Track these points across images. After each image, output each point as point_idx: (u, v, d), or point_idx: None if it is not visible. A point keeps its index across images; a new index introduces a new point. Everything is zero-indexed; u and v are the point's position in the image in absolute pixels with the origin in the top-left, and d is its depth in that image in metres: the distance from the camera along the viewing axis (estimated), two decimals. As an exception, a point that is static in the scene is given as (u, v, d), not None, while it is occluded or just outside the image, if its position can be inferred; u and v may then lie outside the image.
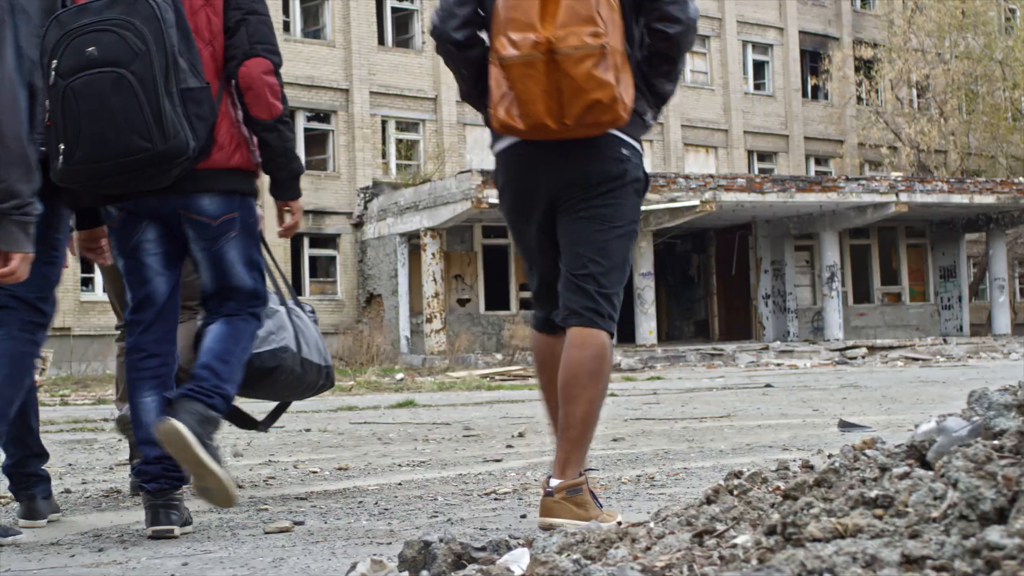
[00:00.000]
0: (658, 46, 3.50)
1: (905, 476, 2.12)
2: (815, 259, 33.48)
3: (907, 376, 16.40)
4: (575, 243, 3.55)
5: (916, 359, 24.84)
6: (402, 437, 7.63)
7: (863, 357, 26.13)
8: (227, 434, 7.86)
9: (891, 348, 27.79)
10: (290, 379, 4.36)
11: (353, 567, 2.63)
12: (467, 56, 3.58)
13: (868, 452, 2.32)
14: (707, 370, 22.41)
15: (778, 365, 23.67)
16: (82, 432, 8.90)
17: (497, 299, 30.55)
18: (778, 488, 2.59)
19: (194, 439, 3.46)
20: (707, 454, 5.96)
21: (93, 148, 3.50)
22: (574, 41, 3.29)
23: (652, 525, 2.65)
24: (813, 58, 38.97)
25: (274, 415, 4.70)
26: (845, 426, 7.26)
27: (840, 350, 27.02)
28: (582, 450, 3.51)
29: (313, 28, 31.36)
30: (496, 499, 4.37)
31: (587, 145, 3.50)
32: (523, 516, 3.89)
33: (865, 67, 39.11)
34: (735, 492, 2.61)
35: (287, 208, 3.84)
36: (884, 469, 2.19)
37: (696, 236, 34.38)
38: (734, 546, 2.09)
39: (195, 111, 3.54)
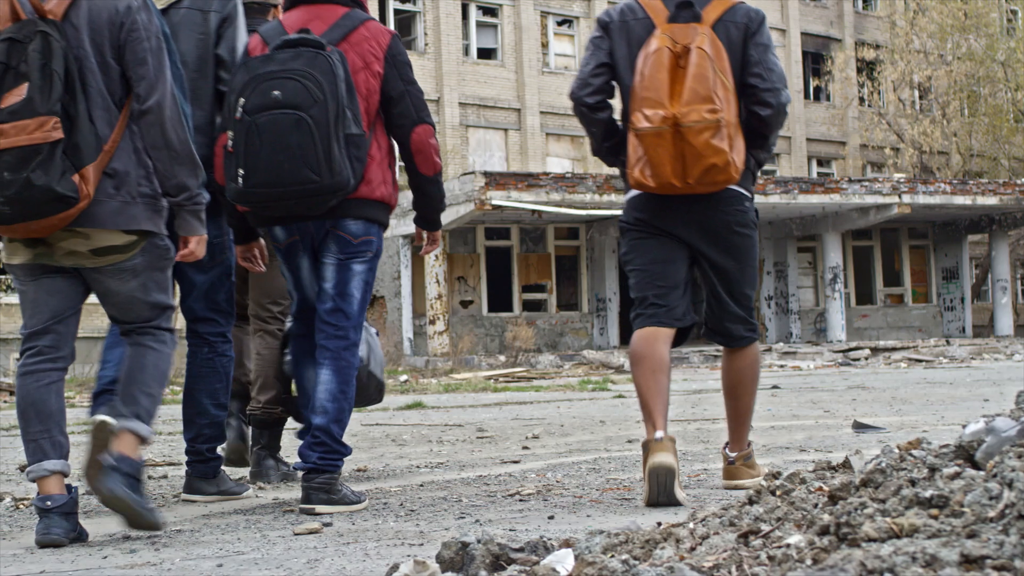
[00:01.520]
0: (753, 123, 4.28)
1: (956, 476, 2.12)
2: (818, 260, 33.50)
3: (913, 377, 16.41)
4: (724, 279, 4.42)
5: (919, 360, 24.85)
6: (416, 439, 7.64)
7: (866, 359, 26.13)
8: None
9: (894, 349, 27.80)
10: (357, 387, 4.61)
11: (395, 568, 2.63)
12: (597, 117, 4.35)
13: (915, 452, 2.32)
14: (710, 371, 22.41)
15: (781, 367, 23.66)
16: (94, 434, 8.89)
17: (500, 301, 30.56)
18: (820, 488, 2.60)
19: (334, 504, 4.17)
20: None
21: (269, 176, 4.10)
22: (695, 116, 4.05)
23: (692, 525, 2.66)
24: (815, 59, 39.00)
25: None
26: (859, 427, 7.27)
27: (843, 351, 27.02)
28: (747, 428, 4.56)
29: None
30: (521, 500, 4.38)
31: (716, 199, 4.31)
32: (550, 517, 3.89)
33: (867, 68, 39.14)
34: (777, 492, 2.61)
35: (432, 236, 4.60)
36: (933, 469, 2.20)
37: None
38: (787, 546, 2.09)
39: (355, 153, 4.17)
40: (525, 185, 25.84)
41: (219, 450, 4.81)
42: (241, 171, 4.12)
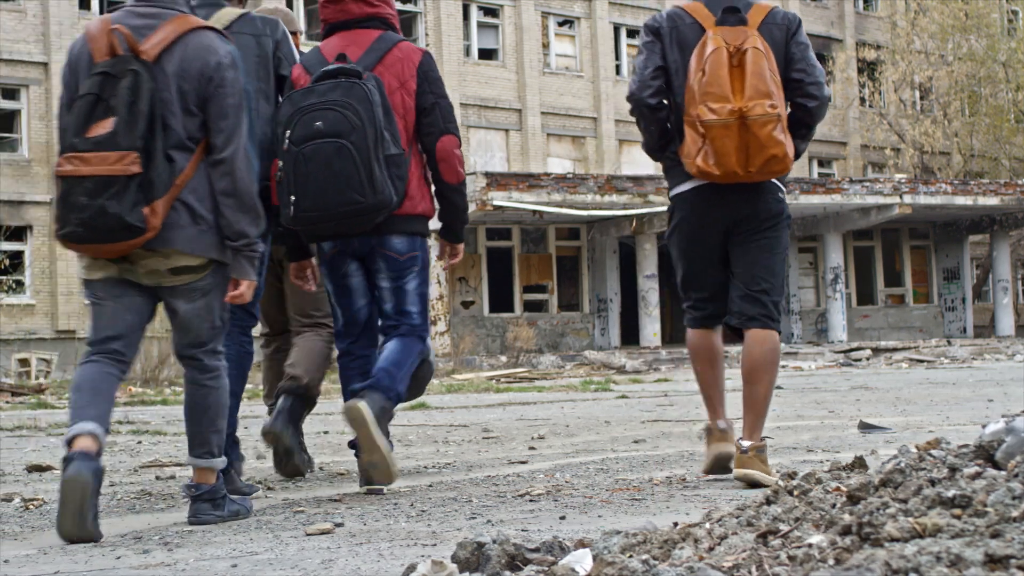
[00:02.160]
0: (798, 115, 4.62)
1: (977, 476, 2.12)
2: (819, 261, 33.50)
3: (915, 378, 16.41)
4: (751, 265, 4.66)
5: (920, 361, 24.85)
6: (422, 439, 7.64)
7: (867, 359, 26.13)
8: (249, 437, 7.86)
9: (895, 350, 27.81)
10: (425, 377, 5.02)
11: (412, 568, 2.63)
12: (657, 116, 4.66)
13: (934, 452, 2.32)
14: (713, 372, 22.39)
15: (783, 367, 23.66)
16: (99, 434, 8.88)
17: (501, 301, 30.57)
18: (838, 489, 2.60)
19: (372, 420, 4.41)
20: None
21: (317, 200, 4.47)
22: (759, 110, 4.38)
23: (709, 526, 2.66)
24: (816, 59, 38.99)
25: None
26: (865, 427, 7.27)
27: (844, 352, 27.03)
28: (763, 419, 4.64)
29: (316, 31, 31.37)
30: (531, 500, 4.38)
31: (756, 189, 4.61)
32: (562, 517, 3.89)
33: (868, 69, 39.15)
34: (795, 492, 2.61)
35: (454, 249, 4.94)
36: (954, 469, 2.20)
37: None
38: (808, 546, 2.09)
39: (396, 172, 4.51)
40: (526, 186, 25.85)
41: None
42: (292, 197, 4.50)
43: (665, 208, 27.66)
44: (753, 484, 4.47)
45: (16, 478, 5.87)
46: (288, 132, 4.51)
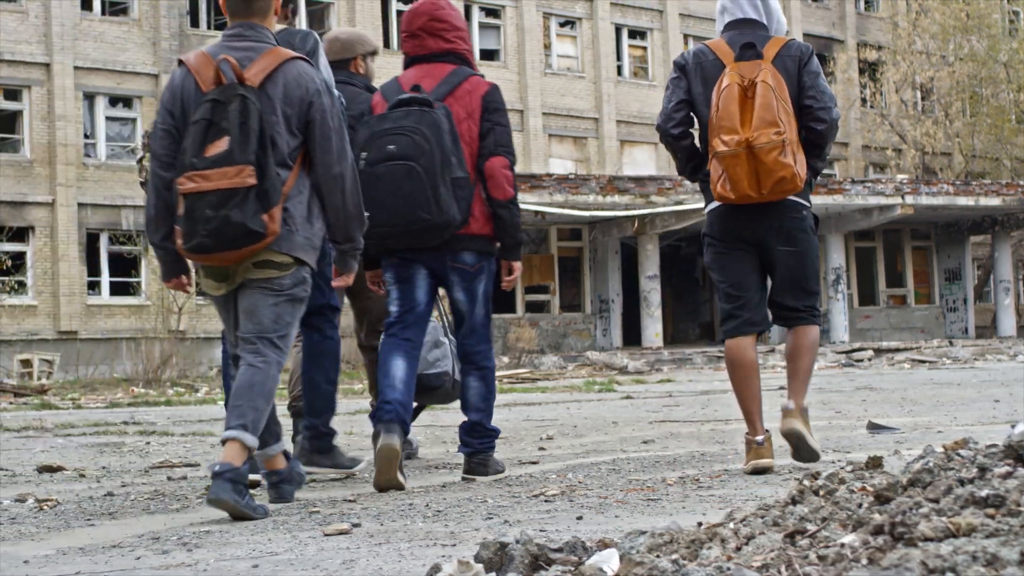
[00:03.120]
0: (810, 137, 5.08)
1: (1008, 476, 2.13)
2: (821, 261, 33.48)
3: (919, 378, 16.41)
4: (790, 270, 5.20)
5: (922, 361, 24.85)
6: (430, 440, 7.63)
7: (869, 359, 26.13)
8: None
9: (897, 350, 27.80)
10: (443, 394, 5.80)
11: (436, 568, 2.63)
12: (681, 145, 5.18)
13: (962, 452, 2.32)
14: (714, 372, 22.42)
15: (785, 367, 23.62)
16: (106, 435, 8.90)
17: (502, 302, 30.56)
18: (864, 489, 2.60)
19: (475, 477, 5.12)
20: (743, 456, 5.94)
21: (389, 217, 4.94)
22: (764, 139, 4.86)
23: (734, 526, 2.66)
24: (817, 60, 38.99)
25: (415, 413, 6.10)
26: (874, 428, 7.26)
27: (846, 352, 27.02)
28: (807, 385, 5.22)
29: (319, 31, 31.37)
30: (546, 501, 4.38)
31: (779, 207, 5.11)
32: (579, 518, 3.89)
33: (869, 69, 39.16)
34: (820, 492, 2.61)
35: (511, 266, 5.25)
36: (983, 469, 2.20)
37: (701, 238, 34.34)
38: (840, 545, 2.09)
39: (460, 194, 4.96)
40: (528, 186, 25.84)
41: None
42: (366, 213, 4.79)
43: (666, 209, 27.70)
44: (798, 443, 5.08)
45: (27, 479, 5.87)
46: (364, 154, 4.97)
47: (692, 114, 5.18)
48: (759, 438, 5.03)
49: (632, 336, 31.04)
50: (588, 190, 26.76)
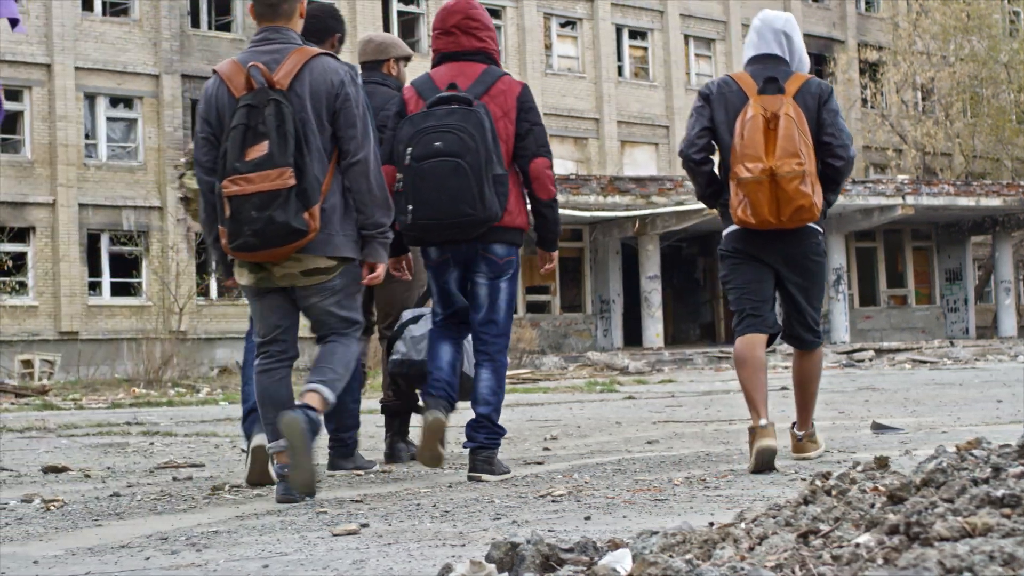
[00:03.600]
0: (827, 172, 5.41)
1: (1023, 476, 2.13)
2: (821, 262, 33.44)
3: (920, 379, 16.40)
4: (800, 294, 5.54)
5: (923, 362, 24.83)
6: (434, 440, 7.62)
7: (870, 360, 26.12)
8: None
9: (898, 351, 27.79)
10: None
11: (448, 568, 2.63)
12: (702, 170, 5.48)
13: (975, 452, 2.32)
14: (715, 373, 22.41)
15: (786, 368, 23.65)
16: (109, 436, 8.90)
17: (504, 302, 30.49)
18: (876, 489, 2.60)
19: (491, 475, 5.17)
20: (748, 456, 5.95)
21: (434, 211, 5.10)
22: (787, 168, 5.16)
23: (745, 526, 2.66)
24: (818, 61, 38.99)
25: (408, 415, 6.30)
26: (878, 428, 7.27)
27: (847, 353, 27.02)
28: (812, 412, 5.66)
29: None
30: (553, 501, 4.38)
31: (796, 233, 5.42)
32: (587, 518, 3.89)
33: (870, 70, 39.17)
34: (832, 492, 2.61)
35: (548, 256, 5.48)
36: (998, 469, 2.20)
37: (702, 239, 34.38)
38: (855, 545, 2.09)
39: (500, 190, 5.16)
40: (529, 187, 25.81)
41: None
42: (410, 207, 5.12)
43: (667, 209, 27.70)
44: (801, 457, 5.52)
45: (33, 479, 5.87)
46: (410, 149, 5.13)
47: (713, 141, 5.47)
48: (763, 421, 5.17)
49: (633, 336, 31.04)
50: (589, 190, 26.76)
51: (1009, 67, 38.00)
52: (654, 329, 29.20)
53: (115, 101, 29.31)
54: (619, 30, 36.19)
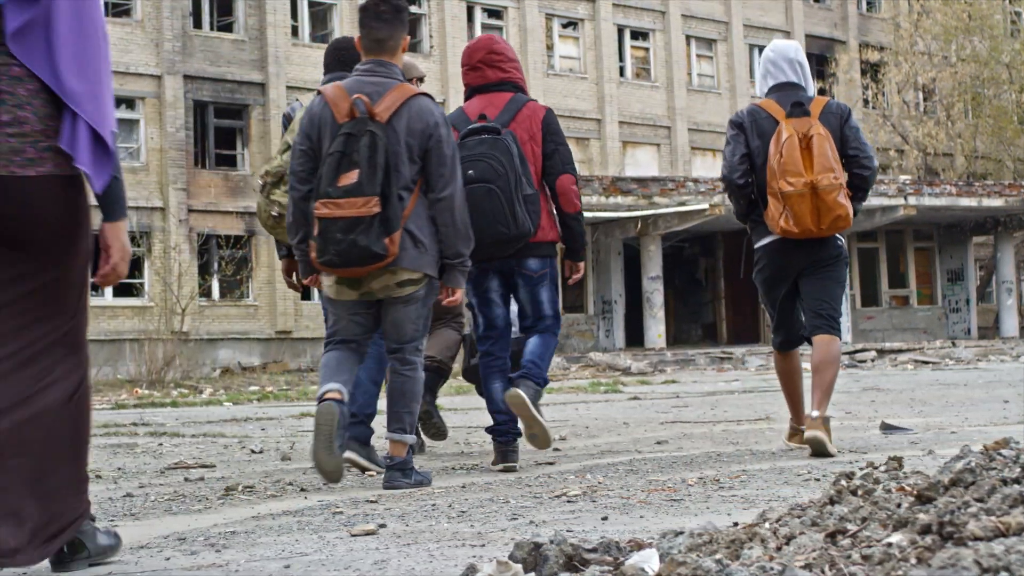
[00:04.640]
0: (855, 182, 6.06)
1: (1054, 475, 2.13)
2: (823, 262, 33.43)
3: (924, 379, 16.41)
4: (819, 292, 6.12)
5: (926, 362, 24.83)
6: (446, 442, 7.62)
7: (872, 360, 26.12)
8: (271, 438, 7.86)
9: (900, 351, 27.79)
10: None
11: (472, 568, 2.63)
12: (745, 192, 6.12)
13: (1004, 452, 2.33)
14: (717, 373, 22.42)
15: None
16: (117, 436, 8.90)
17: (506, 303, 30.51)
18: (901, 489, 2.60)
19: (530, 402, 5.51)
20: (759, 456, 5.97)
21: (474, 232, 5.27)
22: (826, 181, 5.81)
23: (770, 526, 2.66)
24: (819, 61, 38.99)
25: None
26: (887, 428, 7.27)
27: (849, 353, 27.01)
28: (829, 396, 5.92)
29: (321, 32, 31.40)
30: (569, 501, 4.38)
31: (822, 240, 6.07)
32: (604, 518, 3.89)
33: (871, 70, 39.17)
34: (858, 492, 2.62)
35: (575, 267, 5.94)
36: (1028, 469, 2.20)
37: (704, 239, 34.40)
38: (888, 545, 2.09)
39: (531, 208, 5.62)
40: (532, 187, 25.79)
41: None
42: None
43: (669, 210, 27.70)
44: (819, 448, 5.68)
45: (44, 480, 5.86)
46: None
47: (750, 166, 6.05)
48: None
49: (634, 337, 31.04)
50: (591, 191, 26.75)
51: (1011, 67, 38.00)
52: (656, 330, 29.20)
53: (117, 102, 29.25)
54: (621, 31, 36.18)
